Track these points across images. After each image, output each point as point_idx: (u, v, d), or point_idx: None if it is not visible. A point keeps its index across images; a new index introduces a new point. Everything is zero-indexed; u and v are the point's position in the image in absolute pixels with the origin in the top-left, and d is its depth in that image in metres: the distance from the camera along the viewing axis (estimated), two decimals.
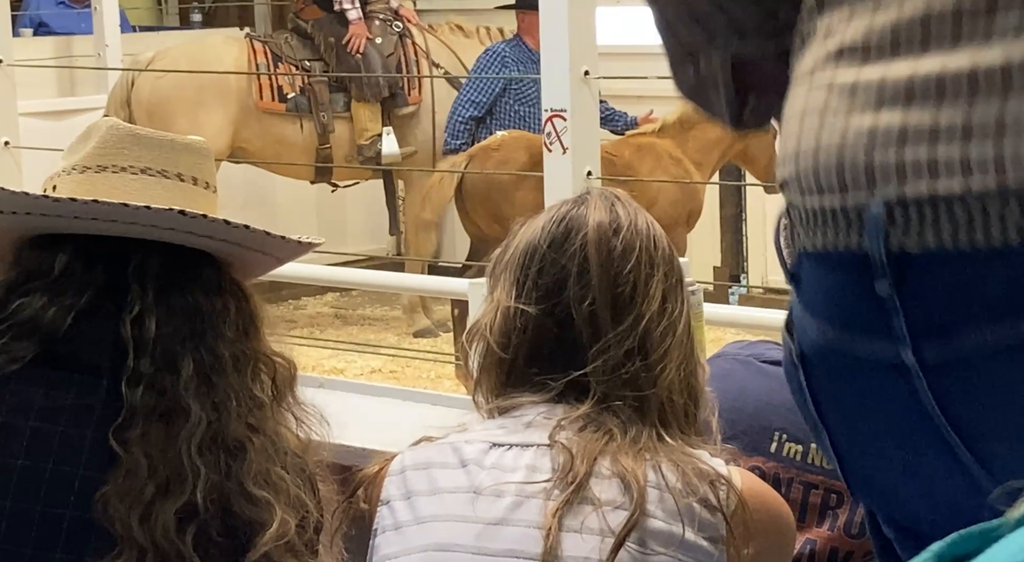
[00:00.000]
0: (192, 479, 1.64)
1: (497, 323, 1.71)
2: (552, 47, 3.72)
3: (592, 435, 1.63)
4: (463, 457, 1.66)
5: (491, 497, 1.62)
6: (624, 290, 1.67)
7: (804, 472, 1.82)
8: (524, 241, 1.73)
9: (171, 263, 1.72)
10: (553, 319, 1.68)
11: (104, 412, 1.66)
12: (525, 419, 1.67)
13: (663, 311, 1.68)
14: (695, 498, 1.59)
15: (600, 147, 6.90)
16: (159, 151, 1.76)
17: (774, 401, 1.86)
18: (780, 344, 1.97)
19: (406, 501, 1.67)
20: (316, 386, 3.09)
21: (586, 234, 1.69)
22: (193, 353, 1.69)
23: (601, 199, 1.73)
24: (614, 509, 1.58)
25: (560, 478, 1.60)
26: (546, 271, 1.69)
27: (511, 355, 1.70)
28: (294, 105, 7.51)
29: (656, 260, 1.69)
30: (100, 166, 1.74)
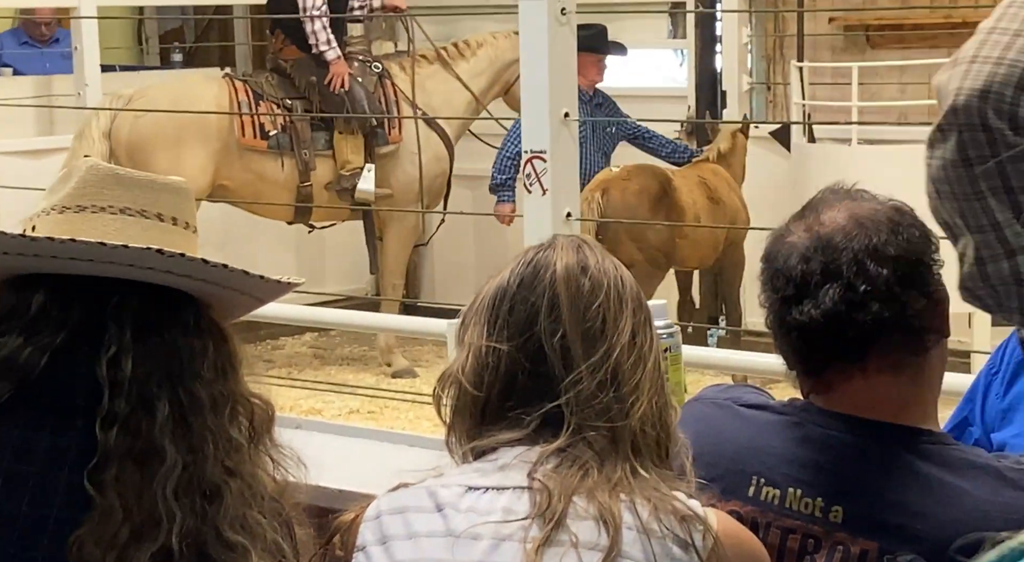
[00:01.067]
0: (167, 523, 1.62)
1: (469, 364, 1.72)
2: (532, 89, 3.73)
3: (568, 471, 1.63)
4: (439, 501, 1.66)
5: (468, 540, 1.61)
6: (594, 324, 1.69)
7: (781, 517, 1.81)
8: (493, 287, 1.75)
9: (149, 303, 1.70)
10: (525, 354, 1.69)
11: (79, 454, 1.64)
12: (500, 462, 1.68)
13: (633, 344, 1.70)
14: (671, 538, 1.59)
15: (694, 171, 7.15)
16: (139, 191, 1.75)
17: (752, 445, 1.85)
18: (759, 388, 1.98)
19: (382, 546, 1.66)
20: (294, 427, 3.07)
21: (554, 272, 1.71)
22: (170, 394, 1.67)
23: (568, 243, 1.75)
24: (590, 550, 1.58)
25: (538, 515, 1.60)
26: (516, 309, 1.71)
27: (484, 393, 1.70)
28: (276, 142, 7.53)
29: (624, 297, 1.71)
30: (79, 206, 1.73)
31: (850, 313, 1.76)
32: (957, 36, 8.16)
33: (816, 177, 6.62)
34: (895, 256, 1.77)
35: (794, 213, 1.87)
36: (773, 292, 1.82)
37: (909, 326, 1.79)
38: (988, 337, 6.42)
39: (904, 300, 1.77)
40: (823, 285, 1.77)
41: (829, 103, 7.79)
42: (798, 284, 1.78)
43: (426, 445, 3.11)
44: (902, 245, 1.78)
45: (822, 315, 1.77)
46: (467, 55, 7.99)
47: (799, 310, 1.78)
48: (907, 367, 1.81)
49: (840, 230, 1.79)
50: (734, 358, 4.41)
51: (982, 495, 1.74)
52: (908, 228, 1.80)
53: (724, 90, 8.18)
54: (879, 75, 8.03)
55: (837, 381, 1.82)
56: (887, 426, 1.81)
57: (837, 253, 1.77)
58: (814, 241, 1.79)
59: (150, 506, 1.63)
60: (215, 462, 1.67)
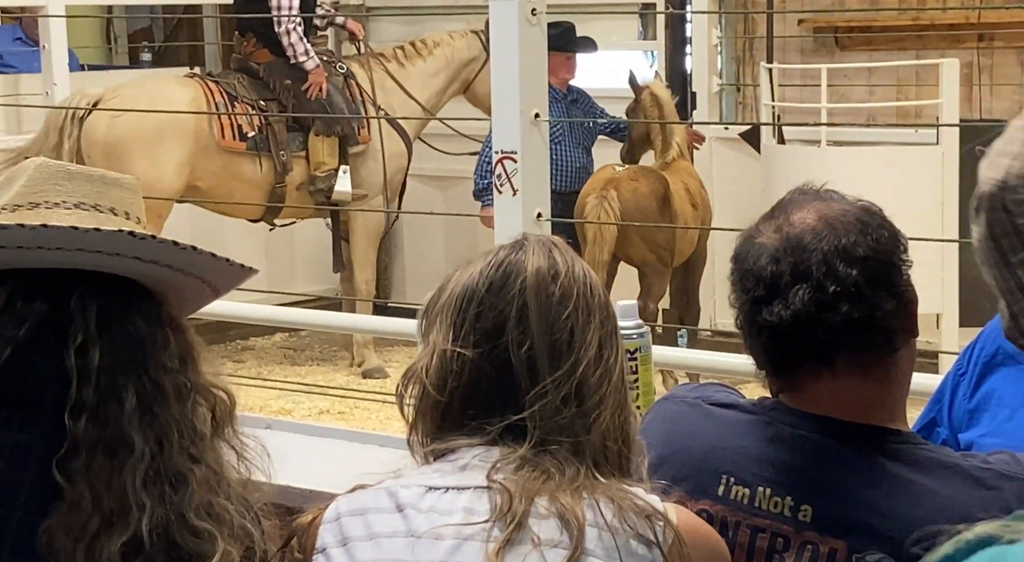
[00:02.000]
0: (137, 513, 1.61)
1: (434, 366, 1.70)
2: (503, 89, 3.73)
3: (530, 474, 1.63)
4: (399, 502, 1.65)
5: (430, 540, 1.61)
6: (562, 336, 1.67)
7: (751, 516, 1.82)
8: (461, 285, 1.72)
9: (112, 294, 1.69)
10: (491, 363, 1.68)
11: (45, 448, 1.63)
12: (460, 462, 1.67)
13: (600, 357, 1.68)
14: (632, 534, 1.59)
15: (677, 170, 7.13)
16: (90, 186, 1.73)
17: (722, 444, 1.86)
18: (729, 387, 1.99)
19: (342, 548, 1.65)
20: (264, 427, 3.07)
21: (525, 279, 1.69)
22: (136, 384, 1.66)
23: (539, 245, 1.73)
24: (553, 548, 1.58)
25: (499, 517, 1.60)
26: (484, 315, 1.69)
27: (447, 398, 1.69)
28: (254, 144, 7.56)
29: (592, 307, 1.69)
30: (32, 203, 1.71)
31: (820, 313, 1.77)
32: (925, 38, 8.23)
33: (785, 178, 6.65)
34: (864, 256, 1.78)
35: (763, 214, 1.87)
36: (743, 293, 1.82)
37: (878, 326, 1.79)
38: (956, 338, 6.47)
39: (873, 301, 1.78)
40: (793, 286, 1.77)
41: (798, 104, 7.82)
42: (768, 285, 1.79)
43: (396, 445, 3.10)
44: (871, 245, 1.79)
45: (792, 316, 1.77)
46: (424, 54, 8.03)
47: (769, 311, 1.79)
48: (876, 367, 1.82)
49: (810, 230, 1.79)
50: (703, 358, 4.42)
51: (950, 494, 1.75)
52: (877, 229, 1.81)
53: (694, 91, 8.20)
54: (848, 77, 8.07)
55: (806, 381, 1.83)
56: (856, 426, 1.81)
57: (807, 254, 1.78)
58: (783, 242, 1.79)
59: (120, 496, 1.62)
60: (180, 450, 1.66)
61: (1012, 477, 1.78)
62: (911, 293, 1.84)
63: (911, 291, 1.84)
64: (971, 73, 7.94)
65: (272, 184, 7.63)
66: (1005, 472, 1.78)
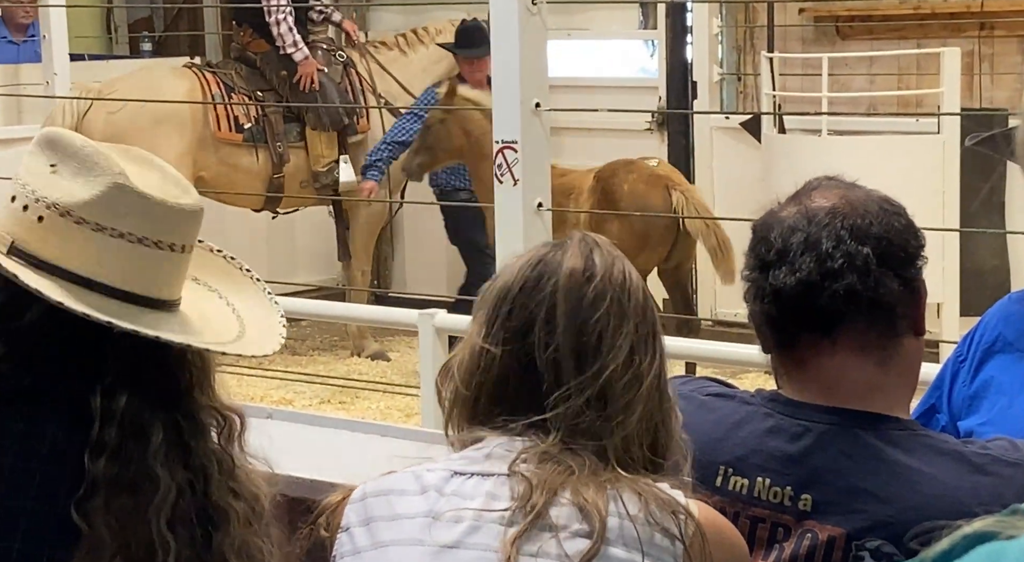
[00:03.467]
0: (162, 555, 1.58)
1: (465, 361, 1.72)
2: (503, 79, 3.73)
3: (553, 467, 1.64)
4: (424, 484, 1.67)
5: (448, 522, 1.62)
6: (589, 339, 1.67)
7: (750, 506, 1.82)
8: (501, 281, 1.73)
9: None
10: (517, 362, 1.68)
11: (59, 482, 1.59)
12: (486, 450, 1.68)
13: (629, 363, 1.67)
14: (655, 526, 1.60)
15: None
16: (155, 222, 1.65)
17: (718, 435, 1.86)
18: (721, 379, 1.99)
19: (365, 527, 1.67)
20: (265, 416, 3.08)
21: (557, 281, 1.69)
22: (164, 420, 1.62)
23: (580, 245, 1.73)
24: (573, 537, 1.59)
25: (519, 507, 1.61)
26: (515, 314, 1.69)
27: (474, 393, 1.70)
28: (251, 135, 7.57)
29: (627, 311, 1.69)
30: (98, 225, 1.63)
31: (823, 281, 1.79)
32: (926, 27, 8.22)
33: (786, 168, 6.65)
34: (877, 236, 1.81)
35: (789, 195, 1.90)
36: (755, 258, 1.85)
37: (880, 304, 1.80)
38: (957, 327, 6.46)
39: (879, 278, 1.80)
40: (802, 254, 1.80)
41: (799, 94, 7.81)
42: (779, 251, 1.81)
43: (397, 435, 3.12)
44: (886, 227, 1.82)
45: (797, 281, 1.79)
46: (426, 42, 8.02)
47: (775, 275, 1.81)
48: (876, 349, 1.83)
49: (829, 208, 1.83)
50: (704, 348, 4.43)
51: (949, 481, 1.75)
52: (895, 217, 1.84)
53: (695, 81, 8.19)
54: (849, 66, 8.06)
55: (807, 356, 1.83)
56: (855, 413, 1.82)
57: (820, 227, 1.81)
58: (802, 215, 1.83)
59: (144, 536, 1.58)
60: (220, 484, 1.64)
61: (1011, 463, 1.78)
62: (921, 285, 1.85)
63: (922, 284, 1.85)
64: (972, 62, 7.93)
65: (270, 175, 7.65)
66: (1004, 458, 1.79)
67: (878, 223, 1.82)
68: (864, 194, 1.86)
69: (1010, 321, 2.21)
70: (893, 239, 1.82)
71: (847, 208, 1.82)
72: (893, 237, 1.82)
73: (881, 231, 1.81)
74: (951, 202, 6.64)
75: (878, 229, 1.81)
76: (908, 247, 1.84)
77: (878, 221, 1.82)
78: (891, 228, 1.83)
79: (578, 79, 8.20)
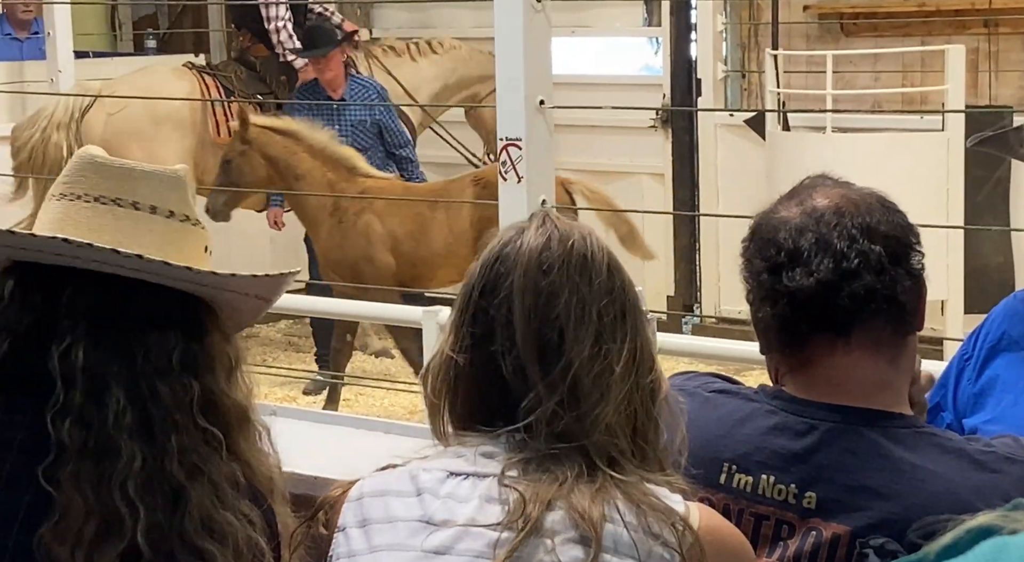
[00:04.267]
0: (130, 521, 1.59)
1: (438, 370, 1.69)
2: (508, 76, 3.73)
3: (542, 476, 1.60)
4: (419, 485, 1.65)
5: (440, 528, 1.61)
6: (552, 337, 1.62)
7: (754, 504, 1.82)
8: (467, 280, 1.70)
9: (109, 295, 1.67)
10: (483, 370, 1.65)
11: (32, 445, 1.62)
12: (481, 449, 1.66)
13: (596, 353, 1.62)
14: (651, 535, 1.58)
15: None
16: (115, 181, 1.72)
17: (722, 432, 1.86)
18: (726, 376, 1.99)
19: (361, 529, 1.66)
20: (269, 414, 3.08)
21: (513, 281, 1.64)
22: (127, 387, 1.64)
23: (538, 231, 1.67)
24: (568, 546, 1.57)
25: (512, 521, 1.58)
26: (478, 319, 1.66)
27: (449, 402, 1.68)
28: None
29: (588, 299, 1.63)
30: (60, 194, 1.73)
31: (842, 281, 1.78)
32: (930, 24, 8.21)
33: (790, 165, 6.65)
34: (886, 234, 1.81)
35: (781, 196, 1.88)
36: (762, 260, 1.82)
37: (897, 302, 1.80)
38: (961, 325, 6.46)
39: (894, 276, 1.80)
40: (816, 255, 1.79)
41: (803, 91, 7.81)
42: (790, 252, 1.80)
43: (400, 432, 3.12)
44: (891, 225, 1.82)
45: (815, 282, 1.78)
46: (440, 52, 8.03)
47: (790, 277, 1.79)
48: (888, 347, 1.83)
49: (833, 208, 1.82)
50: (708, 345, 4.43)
51: (953, 478, 1.75)
52: (895, 212, 1.84)
53: (699, 78, 8.19)
54: (853, 63, 8.05)
55: (818, 355, 1.83)
56: (859, 411, 1.81)
57: (829, 228, 1.80)
58: (807, 216, 1.82)
59: (110, 503, 1.59)
60: (180, 459, 1.64)
61: (1016, 460, 1.78)
62: (923, 281, 1.85)
63: (923, 279, 1.85)
64: (977, 59, 7.92)
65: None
66: (1008, 455, 1.79)
67: (884, 221, 1.81)
68: (861, 192, 1.86)
69: (1015, 319, 2.21)
70: (900, 236, 1.82)
71: (852, 207, 1.82)
72: (900, 234, 1.83)
73: (888, 229, 1.81)
74: (955, 199, 6.64)
75: (886, 227, 1.81)
76: (912, 244, 1.84)
77: (884, 219, 1.82)
78: (896, 225, 1.83)
79: (582, 76, 8.20)
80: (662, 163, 8.35)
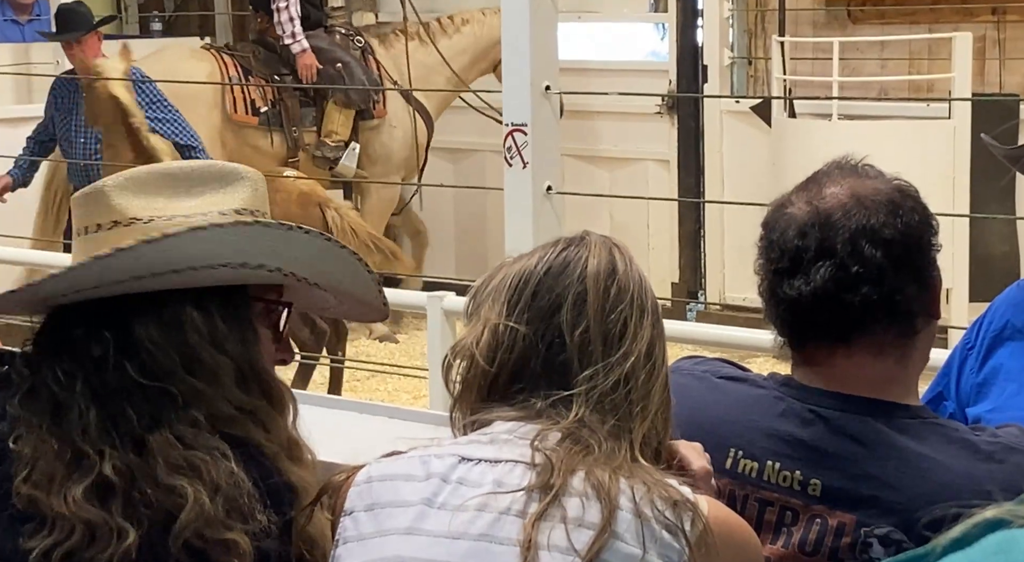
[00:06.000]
0: (96, 456, 1.66)
1: (485, 339, 1.72)
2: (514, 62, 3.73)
3: (572, 446, 1.64)
4: (430, 470, 1.66)
5: (453, 512, 1.62)
6: (615, 327, 1.70)
7: (760, 489, 1.82)
8: (517, 268, 1.75)
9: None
10: (543, 340, 1.70)
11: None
12: (492, 435, 1.68)
13: (650, 355, 1.71)
14: (661, 523, 1.59)
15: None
16: (91, 206, 1.79)
17: (729, 418, 1.86)
18: (735, 362, 1.99)
19: (370, 512, 1.67)
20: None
21: (584, 269, 1.72)
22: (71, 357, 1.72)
23: (600, 243, 1.76)
24: (581, 527, 1.58)
25: (539, 487, 1.60)
26: (541, 295, 1.72)
27: (496, 370, 1.71)
28: (266, 119, 7.59)
29: (646, 308, 1.73)
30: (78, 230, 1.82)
31: (839, 293, 1.77)
32: (938, 12, 8.19)
33: (796, 152, 6.65)
34: (891, 238, 1.78)
35: (798, 184, 1.88)
36: (768, 262, 1.83)
37: (898, 310, 1.79)
38: (966, 313, 6.46)
39: (896, 284, 1.78)
40: (816, 262, 1.78)
41: (810, 78, 7.80)
42: (792, 257, 1.80)
43: (405, 417, 3.12)
44: (900, 227, 1.79)
45: (812, 292, 1.78)
46: (450, 31, 7.99)
47: (790, 284, 1.79)
48: (892, 348, 1.82)
49: (840, 207, 1.79)
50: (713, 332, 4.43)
51: (959, 469, 1.75)
52: (909, 212, 1.81)
53: (705, 64, 8.18)
54: (860, 50, 8.04)
55: (819, 357, 1.83)
56: (867, 401, 1.82)
57: (834, 230, 1.78)
58: (812, 216, 1.80)
59: (73, 445, 1.67)
60: (137, 417, 1.70)
61: (1021, 451, 1.78)
62: (936, 278, 1.83)
63: (936, 276, 1.83)
64: (984, 47, 7.91)
65: (285, 158, 7.67)
66: (1014, 446, 1.79)
67: (892, 223, 1.78)
68: (874, 186, 1.82)
69: (1019, 308, 2.21)
70: (910, 237, 1.80)
71: (858, 207, 1.79)
72: (910, 234, 1.80)
73: (896, 233, 1.78)
74: (961, 187, 6.63)
75: (891, 231, 1.78)
76: (923, 243, 1.82)
77: (893, 219, 1.78)
78: (907, 226, 1.80)
79: (588, 62, 8.19)
80: (667, 149, 8.34)
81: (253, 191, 1.83)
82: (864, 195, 1.81)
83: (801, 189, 1.86)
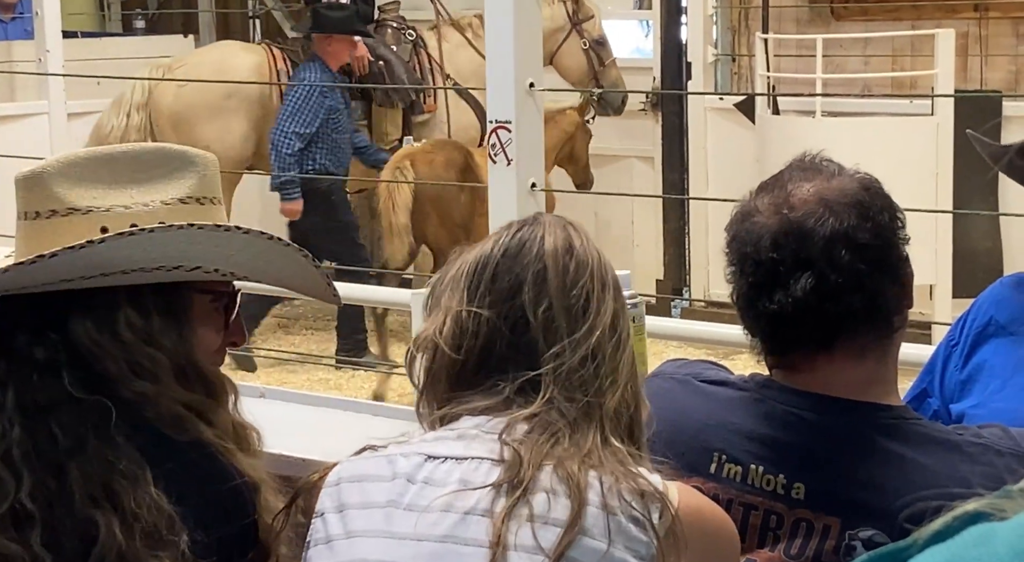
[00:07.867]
0: (14, 482, 1.63)
1: (448, 328, 1.70)
2: (497, 58, 3.72)
3: (540, 437, 1.63)
4: (396, 470, 1.65)
5: (420, 513, 1.61)
6: (578, 302, 1.69)
7: (744, 493, 1.81)
8: (473, 255, 1.74)
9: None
10: (506, 322, 1.69)
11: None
12: (459, 431, 1.67)
13: (614, 328, 1.70)
14: (628, 516, 1.58)
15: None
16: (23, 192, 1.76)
17: (713, 421, 1.85)
18: (717, 363, 1.99)
19: (339, 514, 1.66)
20: (257, 396, 3.07)
21: (542, 247, 1.71)
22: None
23: (554, 221, 1.75)
24: (546, 525, 1.57)
25: (506, 481, 1.59)
26: (500, 277, 1.70)
27: (463, 357, 1.70)
28: None
29: (607, 281, 1.72)
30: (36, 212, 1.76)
31: (821, 304, 1.76)
32: (920, 9, 8.21)
33: (780, 149, 6.64)
34: (865, 244, 1.76)
35: (759, 184, 1.86)
36: (741, 275, 1.81)
37: (879, 313, 1.79)
38: (949, 309, 6.48)
39: (875, 289, 1.77)
40: (794, 273, 1.76)
41: (793, 75, 7.81)
42: (768, 270, 1.77)
43: (389, 414, 3.12)
44: (872, 231, 1.77)
45: (792, 305, 1.76)
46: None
47: (769, 298, 1.77)
48: (873, 349, 1.81)
49: (811, 214, 1.77)
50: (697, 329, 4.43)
51: (942, 470, 1.75)
52: (878, 212, 1.79)
53: (689, 62, 8.19)
54: (843, 47, 8.06)
55: (801, 362, 1.82)
56: (848, 403, 1.81)
57: (808, 240, 1.76)
58: (784, 225, 1.78)
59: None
60: (63, 434, 1.67)
61: (1003, 452, 1.78)
62: (910, 273, 1.83)
63: (910, 272, 1.83)
64: (966, 43, 7.93)
65: None
66: (996, 446, 1.78)
67: (864, 226, 1.77)
68: (839, 186, 1.79)
69: (1002, 305, 2.21)
70: (883, 238, 1.78)
71: (828, 212, 1.76)
72: (882, 235, 1.78)
73: (869, 236, 1.77)
74: (944, 183, 6.65)
75: (865, 235, 1.76)
76: (895, 241, 1.81)
77: (864, 222, 1.77)
78: (879, 226, 1.78)
79: None
80: (652, 146, 8.35)
81: (200, 177, 1.79)
82: (832, 199, 1.78)
83: (764, 191, 1.83)
